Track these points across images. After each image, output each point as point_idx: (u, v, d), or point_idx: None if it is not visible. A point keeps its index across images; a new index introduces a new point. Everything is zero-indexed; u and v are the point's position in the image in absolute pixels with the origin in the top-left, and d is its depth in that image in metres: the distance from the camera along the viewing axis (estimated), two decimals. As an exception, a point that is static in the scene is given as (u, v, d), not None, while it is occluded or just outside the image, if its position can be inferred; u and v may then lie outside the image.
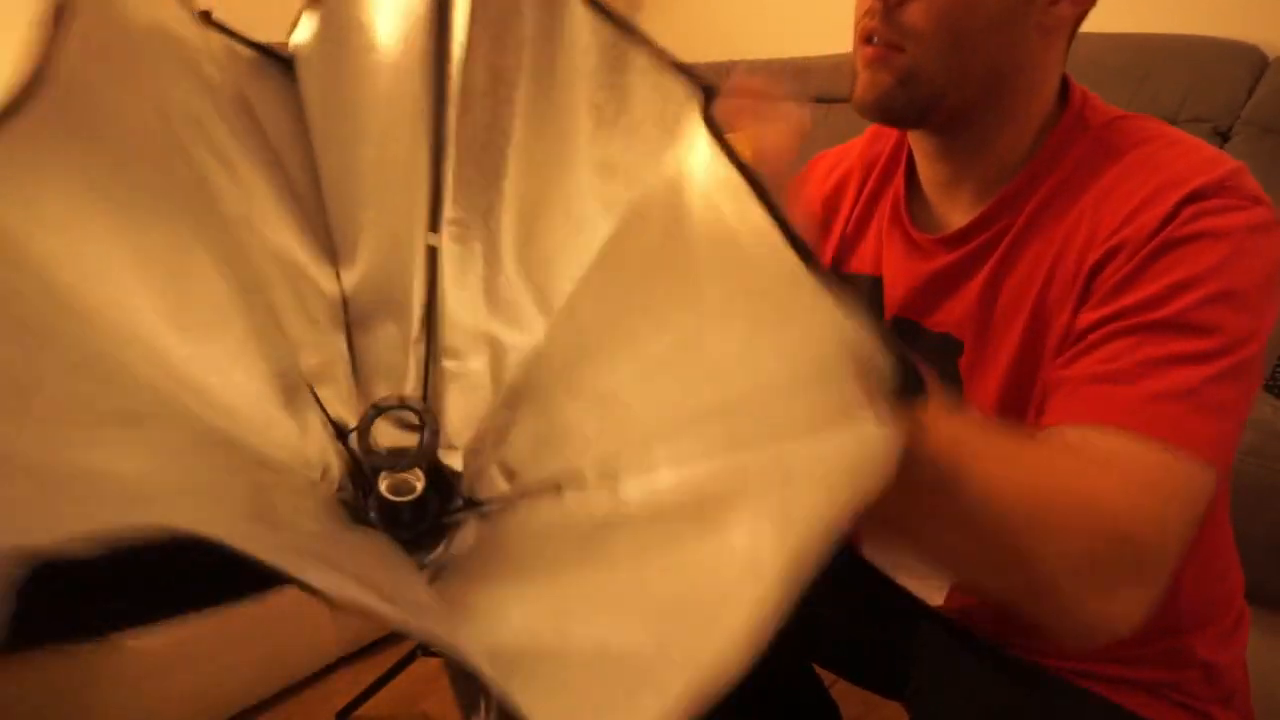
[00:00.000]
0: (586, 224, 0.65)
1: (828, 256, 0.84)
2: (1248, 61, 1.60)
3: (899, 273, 0.75)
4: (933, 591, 0.76)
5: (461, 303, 0.71)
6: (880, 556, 0.77)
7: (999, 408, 0.68)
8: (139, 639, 1.30)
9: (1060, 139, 0.67)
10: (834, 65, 2.16)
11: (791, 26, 2.47)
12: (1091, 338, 0.60)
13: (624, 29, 0.60)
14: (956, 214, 0.72)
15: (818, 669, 0.95)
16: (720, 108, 0.54)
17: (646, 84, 0.60)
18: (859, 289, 0.79)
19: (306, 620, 1.50)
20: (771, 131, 0.64)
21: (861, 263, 0.80)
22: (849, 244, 0.82)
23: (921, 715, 0.77)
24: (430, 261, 0.70)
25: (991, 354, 0.69)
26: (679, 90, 0.57)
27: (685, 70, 0.58)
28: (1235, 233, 0.59)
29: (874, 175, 0.81)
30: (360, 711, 1.45)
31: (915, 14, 0.62)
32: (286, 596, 0.35)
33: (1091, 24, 0.69)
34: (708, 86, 0.55)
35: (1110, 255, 0.61)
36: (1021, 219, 0.67)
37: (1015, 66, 0.66)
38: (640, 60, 0.60)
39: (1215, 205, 0.60)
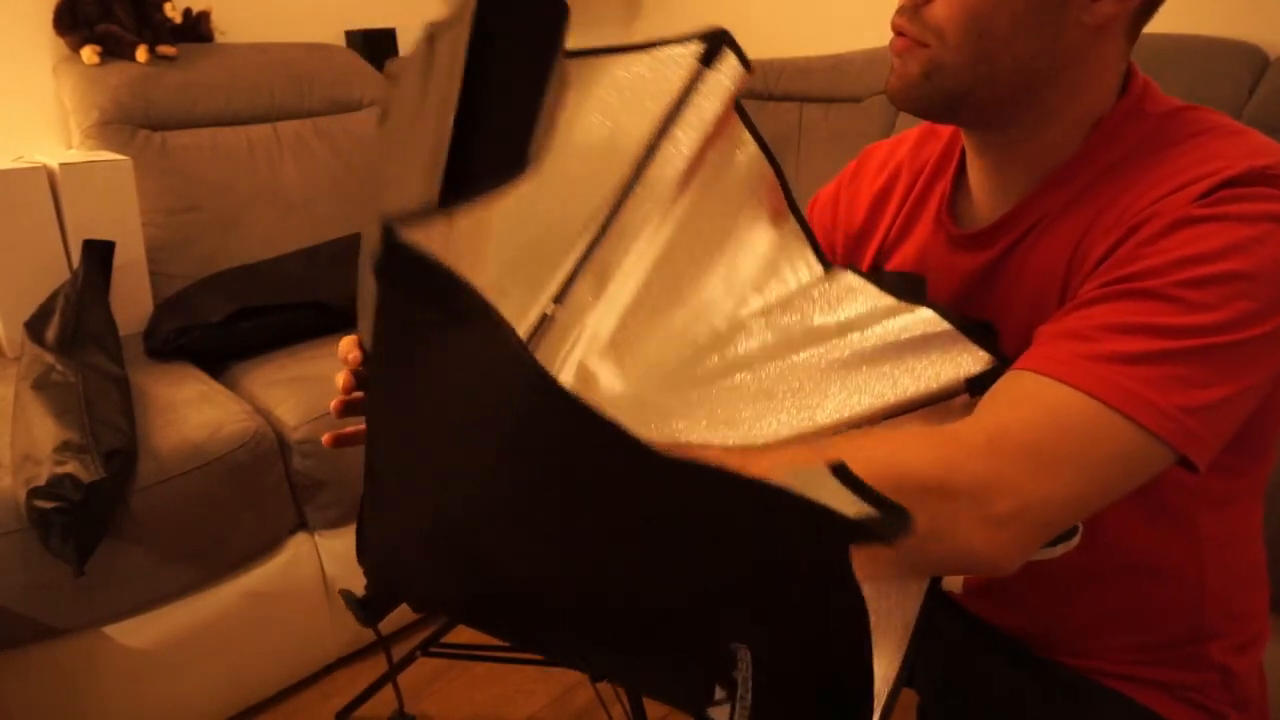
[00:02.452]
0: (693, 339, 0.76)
1: (869, 255, 0.84)
2: (1249, 61, 1.59)
3: (941, 269, 0.75)
4: (952, 580, 0.77)
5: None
6: None
7: None
8: (139, 639, 1.30)
9: (1110, 129, 0.66)
10: (834, 65, 2.16)
11: (791, 26, 2.47)
12: (1083, 297, 0.60)
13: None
14: (997, 209, 0.72)
15: None
16: None
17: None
18: (906, 287, 0.80)
19: (306, 621, 1.50)
20: None
21: (904, 262, 0.80)
22: (892, 245, 0.82)
23: (934, 704, 0.78)
24: (537, 327, 0.78)
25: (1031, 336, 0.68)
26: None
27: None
28: (1265, 219, 0.57)
29: (922, 177, 0.81)
30: (360, 712, 1.45)
31: (939, 11, 0.64)
32: (287, 597, 0.35)
33: (1092, 24, 0.69)
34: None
35: (1133, 230, 0.60)
36: (1057, 206, 0.67)
37: (1054, 64, 0.64)
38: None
39: (1253, 192, 0.58)
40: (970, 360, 0.64)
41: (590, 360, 0.78)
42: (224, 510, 1.34)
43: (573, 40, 0.72)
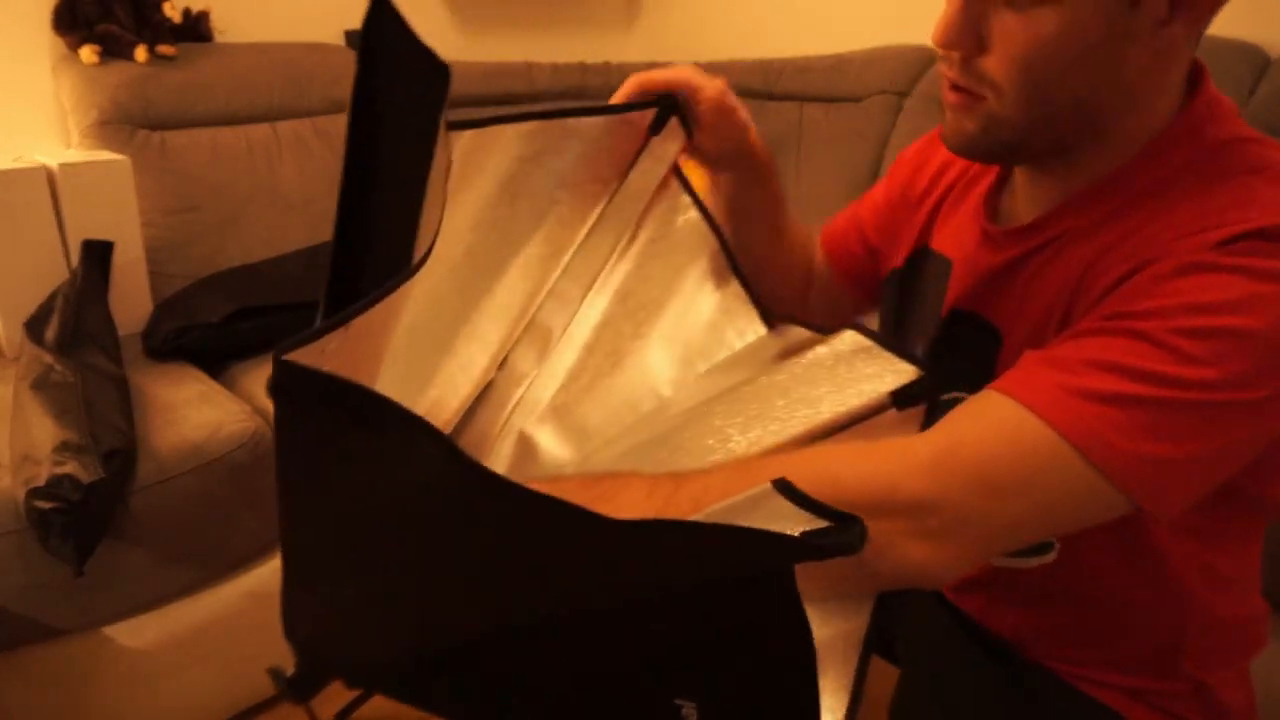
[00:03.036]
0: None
1: (917, 226, 0.83)
2: (1249, 61, 1.59)
3: (969, 261, 0.74)
4: None
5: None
6: None
7: None
8: (139, 639, 1.30)
9: (1160, 148, 0.62)
10: (834, 65, 2.16)
11: (791, 26, 2.46)
12: (1080, 327, 0.58)
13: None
14: (1031, 212, 0.70)
15: None
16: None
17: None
18: (933, 267, 0.79)
19: (306, 620, 1.50)
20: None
21: (942, 242, 0.79)
22: (937, 220, 0.81)
23: (912, 693, 0.78)
24: (482, 392, 0.79)
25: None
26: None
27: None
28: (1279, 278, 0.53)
29: (972, 168, 0.80)
30: (360, 712, 1.45)
31: (992, 65, 0.60)
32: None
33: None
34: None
35: (1145, 264, 0.57)
36: (1087, 220, 0.64)
37: (1117, 94, 0.61)
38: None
39: (1276, 248, 0.53)
40: (894, 374, 0.64)
41: (530, 426, 0.79)
42: (224, 510, 1.34)
43: (572, 43, 0.72)
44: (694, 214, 0.77)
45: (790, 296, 0.94)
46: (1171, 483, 0.54)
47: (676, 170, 0.78)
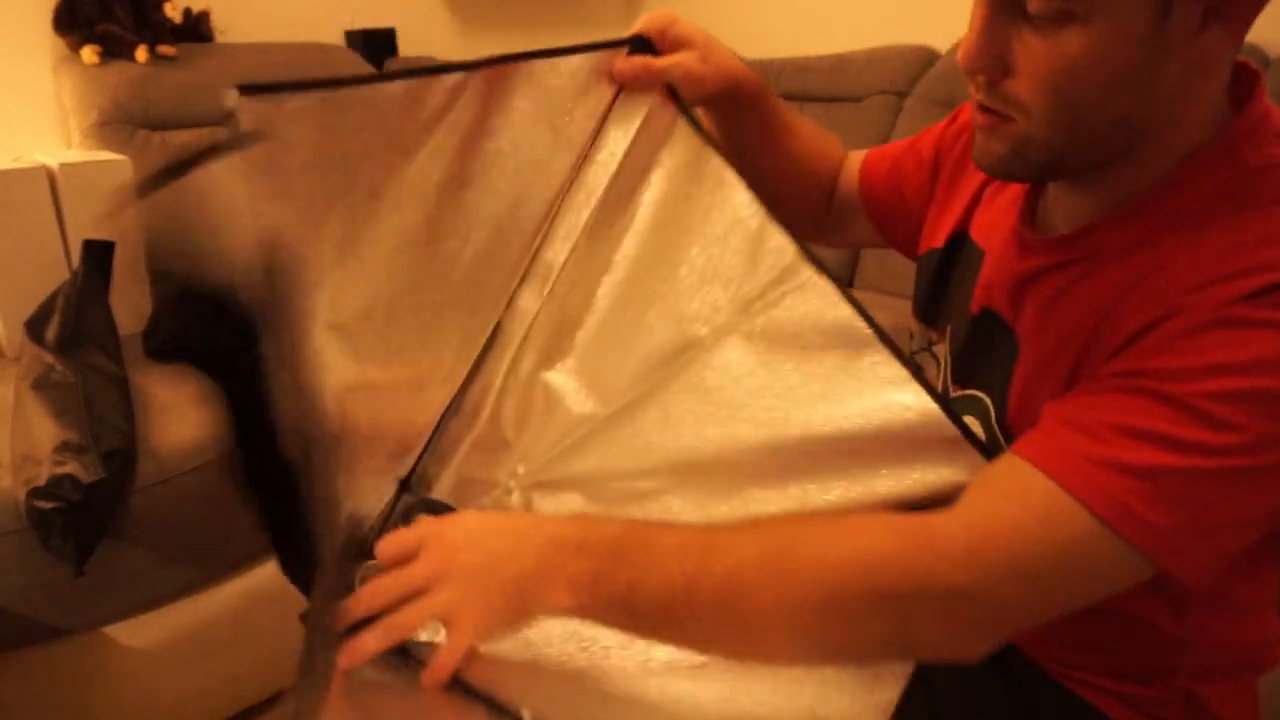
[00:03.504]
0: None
1: (959, 209, 0.80)
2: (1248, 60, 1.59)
3: (1000, 260, 0.71)
4: None
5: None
6: None
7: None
8: (139, 639, 1.30)
9: (1195, 168, 0.59)
10: (834, 65, 2.16)
11: (791, 26, 2.47)
12: (1100, 382, 0.56)
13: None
14: (1069, 219, 0.67)
15: None
16: None
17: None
18: (970, 255, 0.76)
19: (306, 620, 1.50)
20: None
21: (979, 231, 0.76)
22: (979, 206, 0.78)
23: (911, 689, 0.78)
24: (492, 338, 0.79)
25: (1047, 373, 0.64)
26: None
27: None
28: None
29: None
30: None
31: (1019, 87, 0.57)
32: (286, 598, 0.35)
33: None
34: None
35: (1167, 316, 0.54)
36: (1114, 246, 0.61)
37: (1156, 108, 0.58)
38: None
39: None
40: (973, 465, 0.60)
41: (550, 375, 0.78)
42: (224, 510, 1.34)
43: (572, 43, 0.72)
44: (696, 141, 0.74)
45: (806, 222, 0.92)
46: (1204, 550, 0.54)
47: (673, 95, 0.75)
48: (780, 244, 0.68)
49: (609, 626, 0.60)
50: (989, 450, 0.60)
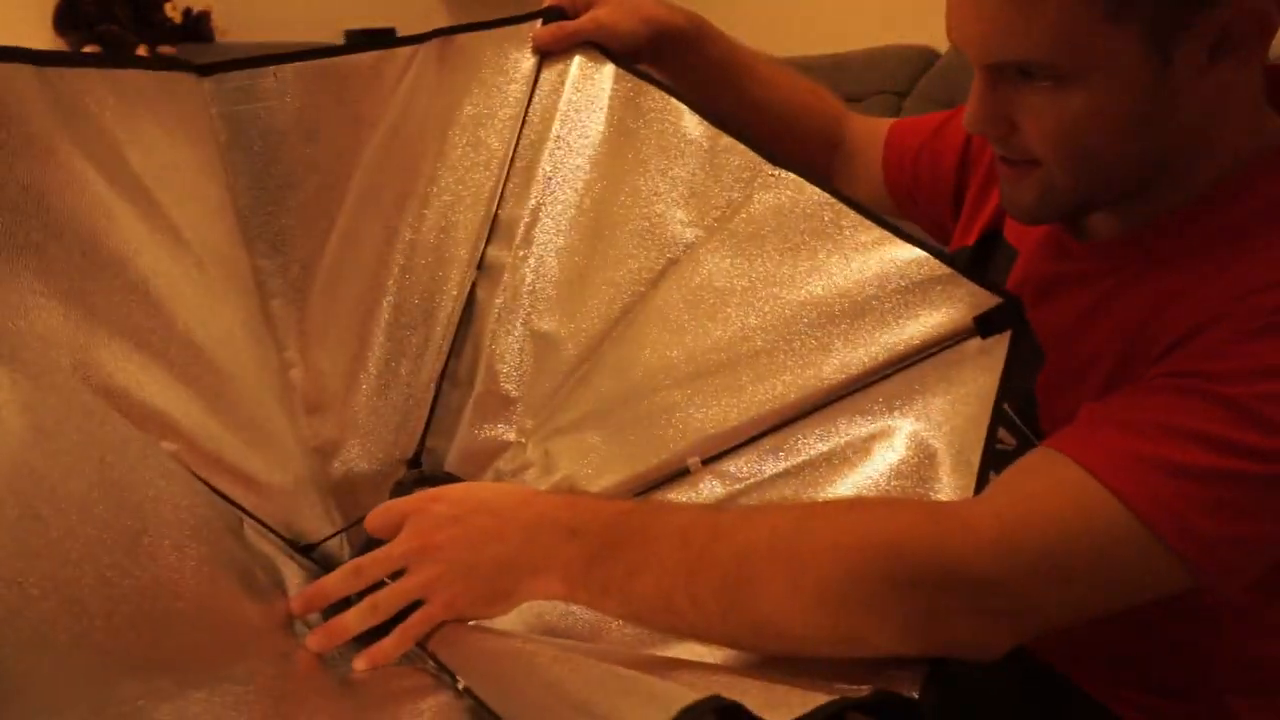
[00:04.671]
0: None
1: (991, 206, 0.78)
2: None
3: (1032, 259, 0.70)
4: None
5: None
6: None
7: None
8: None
9: (1237, 186, 0.58)
10: (834, 65, 2.16)
11: (792, 26, 2.47)
12: (1146, 383, 0.55)
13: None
14: (1110, 228, 0.65)
15: None
16: None
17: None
18: (1002, 255, 0.75)
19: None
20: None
21: (1014, 231, 0.74)
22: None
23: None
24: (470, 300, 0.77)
25: (1081, 378, 0.62)
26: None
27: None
28: None
29: None
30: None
31: (1030, 138, 0.56)
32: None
33: (1092, 23, 0.67)
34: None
35: (1218, 320, 0.53)
36: (1158, 252, 0.60)
37: (1180, 141, 0.57)
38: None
39: None
40: (974, 298, 0.60)
41: (538, 324, 0.77)
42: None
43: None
44: (638, 84, 0.75)
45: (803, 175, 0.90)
46: (1245, 562, 0.52)
47: (608, 55, 0.77)
48: (738, 151, 0.70)
49: (601, 612, 0.58)
50: (988, 283, 0.60)
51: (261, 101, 0.68)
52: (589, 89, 0.77)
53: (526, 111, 0.77)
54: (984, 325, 0.59)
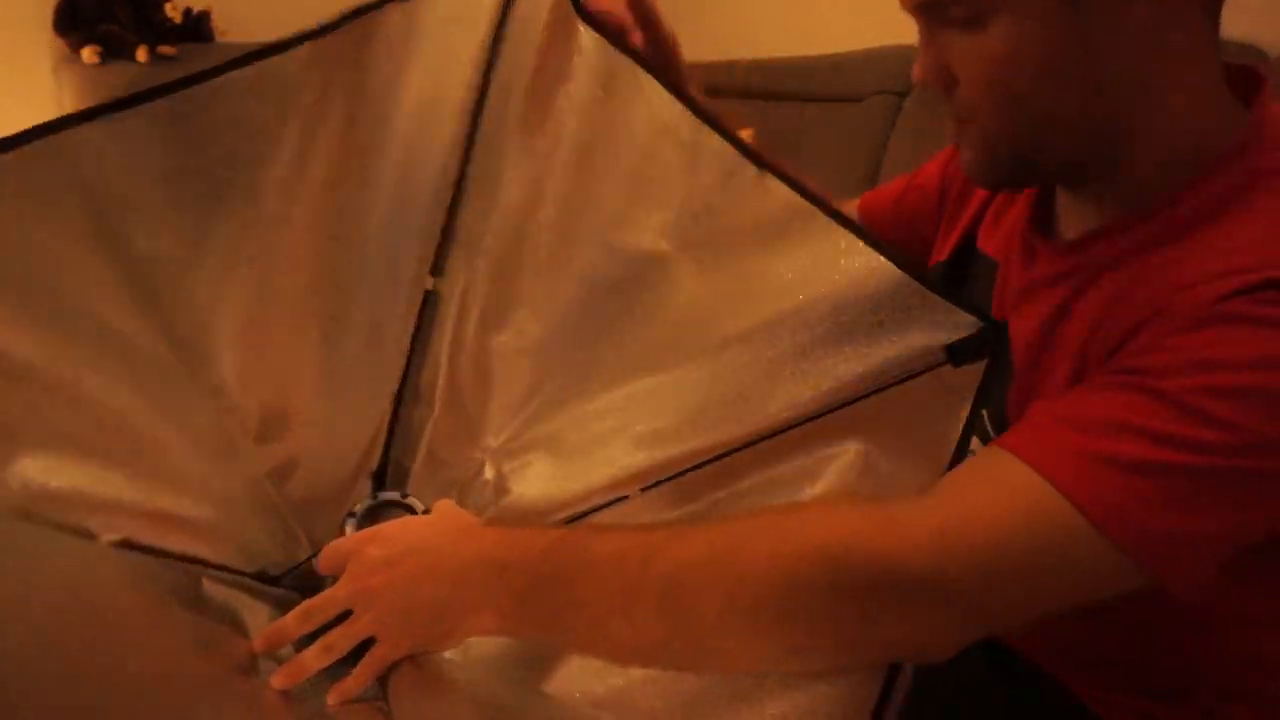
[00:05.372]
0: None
1: (964, 221, 0.78)
2: (1248, 60, 1.59)
3: (1008, 269, 0.70)
4: None
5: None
6: None
7: None
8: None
9: (1202, 174, 0.58)
10: (834, 65, 2.16)
11: (791, 26, 2.47)
12: (1092, 381, 0.55)
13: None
14: (1075, 226, 0.66)
15: None
16: None
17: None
18: (981, 268, 0.75)
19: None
20: None
21: (992, 243, 0.74)
22: (986, 216, 0.77)
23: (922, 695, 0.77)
24: (423, 305, 0.73)
25: (1038, 392, 0.62)
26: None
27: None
28: None
29: None
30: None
31: (965, 91, 0.59)
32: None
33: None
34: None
35: (1158, 315, 0.53)
36: (1120, 247, 0.60)
37: (1113, 98, 0.57)
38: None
39: None
40: (951, 324, 0.56)
41: (499, 337, 0.72)
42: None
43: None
44: (593, 40, 0.65)
45: None
46: (1195, 558, 0.51)
47: (574, 6, 0.66)
48: (716, 146, 0.63)
49: (541, 641, 0.59)
50: (968, 305, 0.58)
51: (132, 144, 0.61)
52: (555, 65, 0.67)
53: (481, 100, 0.68)
54: (956, 355, 0.57)
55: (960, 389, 0.56)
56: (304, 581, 0.66)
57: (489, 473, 0.74)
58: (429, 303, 0.73)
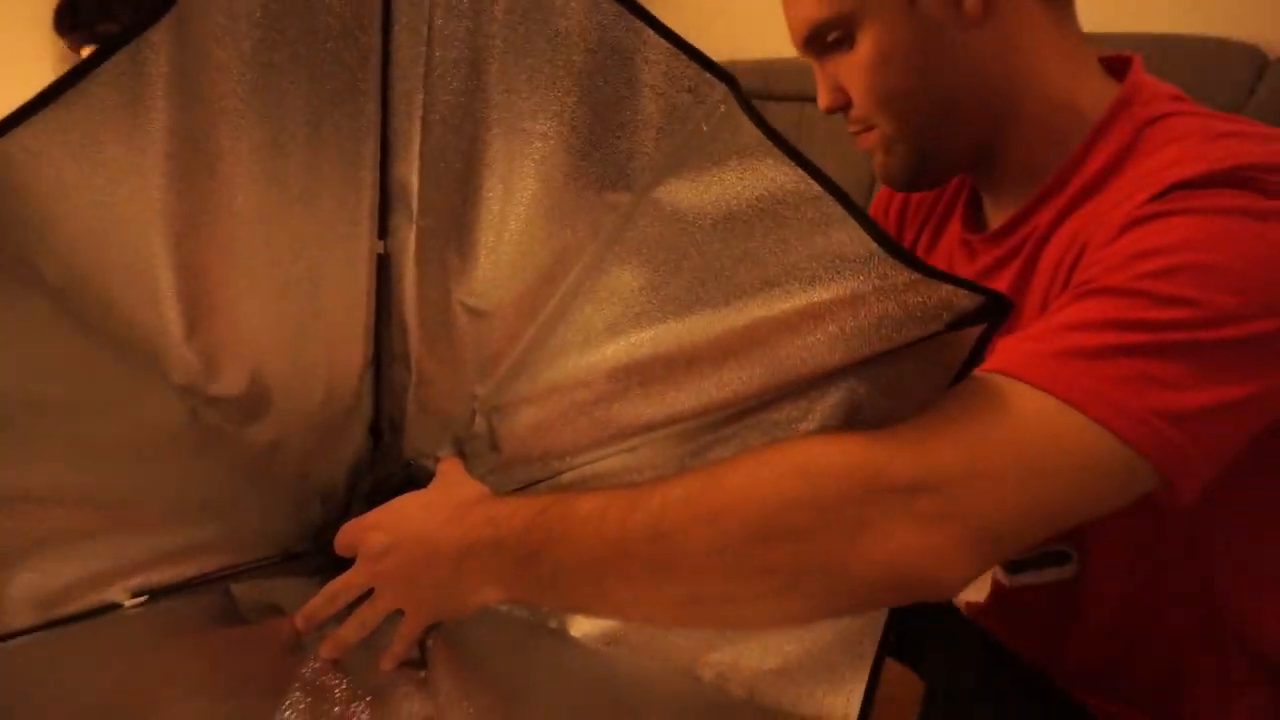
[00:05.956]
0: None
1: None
2: (1248, 61, 1.59)
3: (956, 273, 0.73)
4: (974, 587, 0.76)
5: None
6: None
7: None
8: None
9: (1096, 137, 0.65)
10: (834, 65, 2.16)
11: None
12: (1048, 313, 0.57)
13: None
14: (1000, 213, 0.72)
15: None
16: None
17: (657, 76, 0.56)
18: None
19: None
20: None
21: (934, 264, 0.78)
22: (918, 247, 0.82)
23: (932, 699, 0.77)
24: (381, 267, 0.70)
25: None
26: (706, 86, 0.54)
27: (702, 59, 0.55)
28: (1229, 213, 0.52)
29: (948, 190, 0.81)
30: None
31: (859, 106, 0.69)
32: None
33: (1092, 24, 0.69)
34: (731, 78, 0.54)
35: (1091, 238, 0.58)
36: (1048, 217, 0.65)
37: (984, 78, 0.65)
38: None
39: (1211, 192, 0.53)
40: (953, 305, 0.53)
41: (462, 295, 0.69)
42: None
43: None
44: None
45: None
46: (1192, 442, 0.49)
47: None
48: (692, 74, 0.56)
49: (546, 607, 0.62)
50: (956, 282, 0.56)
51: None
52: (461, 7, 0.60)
53: (388, 31, 0.60)
54: (955, 325, 0.54)
55: (956, 346, 0.54)
56: (327, 545, 0.66)
57: (480, 425, 0.74)
58: (383, 265, 0.70)
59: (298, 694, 0.58)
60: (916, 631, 0.80)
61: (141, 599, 0.62)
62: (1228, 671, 0.66)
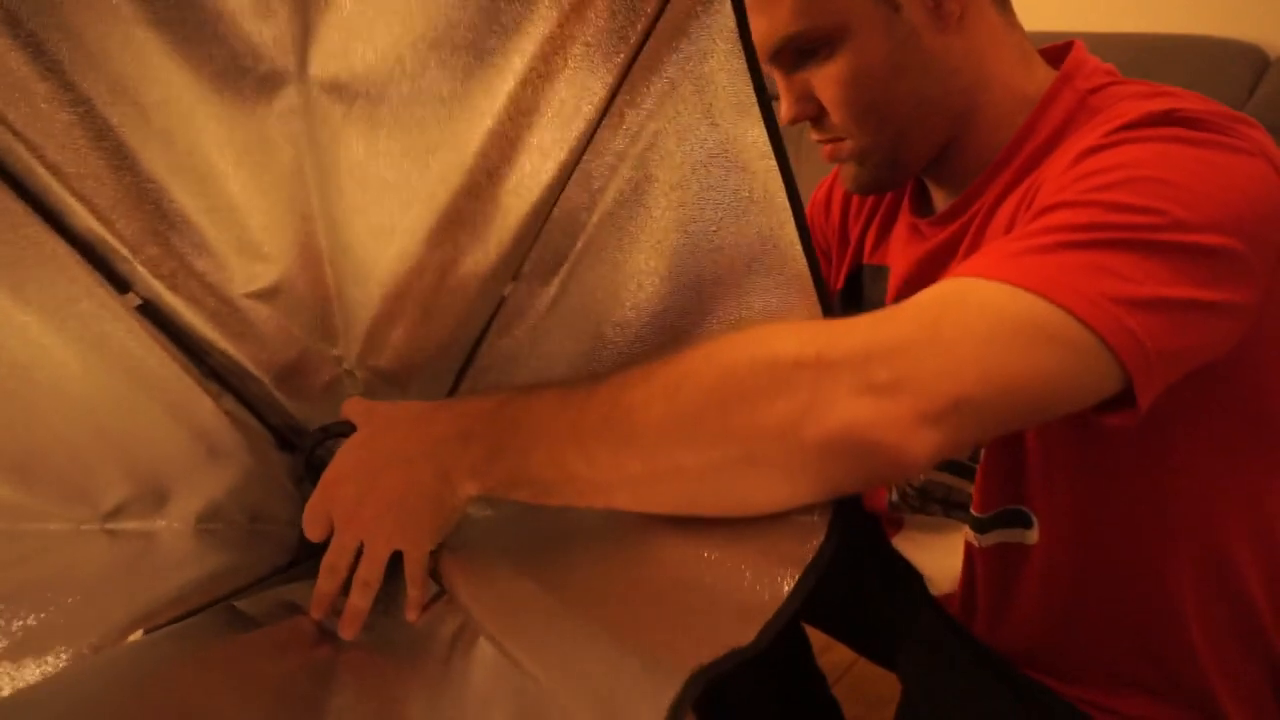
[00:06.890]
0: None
1: (849, 253, 0.83)
2: (1248, 61, 1.60)
3: (901, 258, 0.75)
4: (945, 578, 0.76)
5: None
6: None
7: None
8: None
9: (1040, 111, 0.66)
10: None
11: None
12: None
13: None
14: (947, 195, 0.72)
15: (810, 631, 0.96)
16: None
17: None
18: (874, 276, 0.79)
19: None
20: None
21: (883, 256, 0.79)
22: (868, 241, 0.81)
23: (908, 699, 0.77)
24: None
25: None
26: None
27: None
28: (1169, 140, 0.54)
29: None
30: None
31: (834, 116, 0.68)
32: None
33: (1092, 24, 0.69)
34: None
35: (1041, 184, 0.59)
36: (996, 191, 0.66)
37: (951, 83, 0.66)
38: None
39: (1155, 129, 0.55)
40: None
41: (241, 290, 0.65)
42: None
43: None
44: None
45: None
46: (1149, 335, 0.48)
47: None
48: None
49: (522, 500, 0.58)
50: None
51: None
52: None
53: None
54: None
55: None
56: (311, 545, 0.66)
57: (363, 375, 0.73)
58: (152, 311, 0.64)
59: (343, 678, 0.57)
60: (893, 631, 0.81)
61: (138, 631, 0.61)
62: (1194, 644, 0.66)
